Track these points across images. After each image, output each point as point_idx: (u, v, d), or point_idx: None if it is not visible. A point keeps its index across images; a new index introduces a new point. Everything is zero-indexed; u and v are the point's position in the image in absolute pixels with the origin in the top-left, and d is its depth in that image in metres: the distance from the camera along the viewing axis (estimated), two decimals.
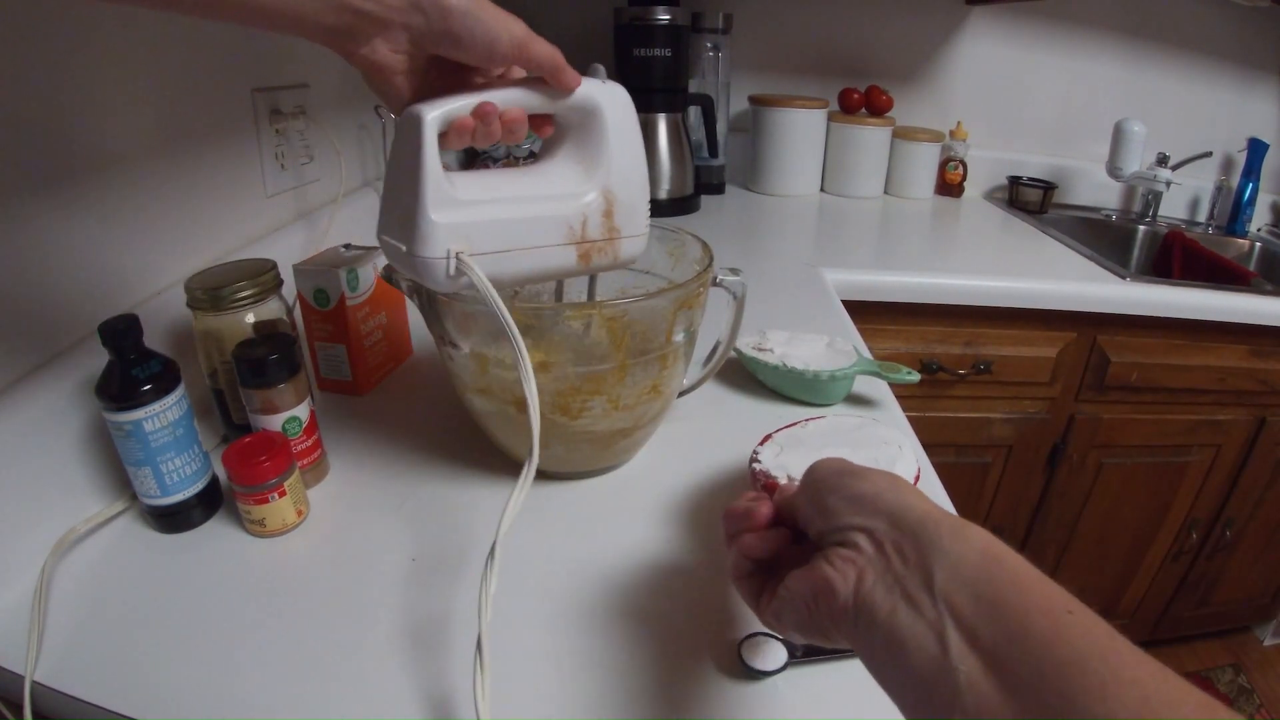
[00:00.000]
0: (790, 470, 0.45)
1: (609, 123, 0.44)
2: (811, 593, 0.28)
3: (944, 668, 0.22)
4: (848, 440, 0.51)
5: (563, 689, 0.39)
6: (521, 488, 0.38)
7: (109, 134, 0.55)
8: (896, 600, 0.24)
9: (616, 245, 0.47)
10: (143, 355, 0.47)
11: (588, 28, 1.40)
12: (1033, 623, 0.22)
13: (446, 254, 0.40)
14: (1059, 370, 1.12)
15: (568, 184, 0.45)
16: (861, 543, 0.27)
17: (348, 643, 0.42)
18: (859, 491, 0.28)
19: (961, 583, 0.23)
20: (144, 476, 0.48)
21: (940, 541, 0.25)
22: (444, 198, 0.40)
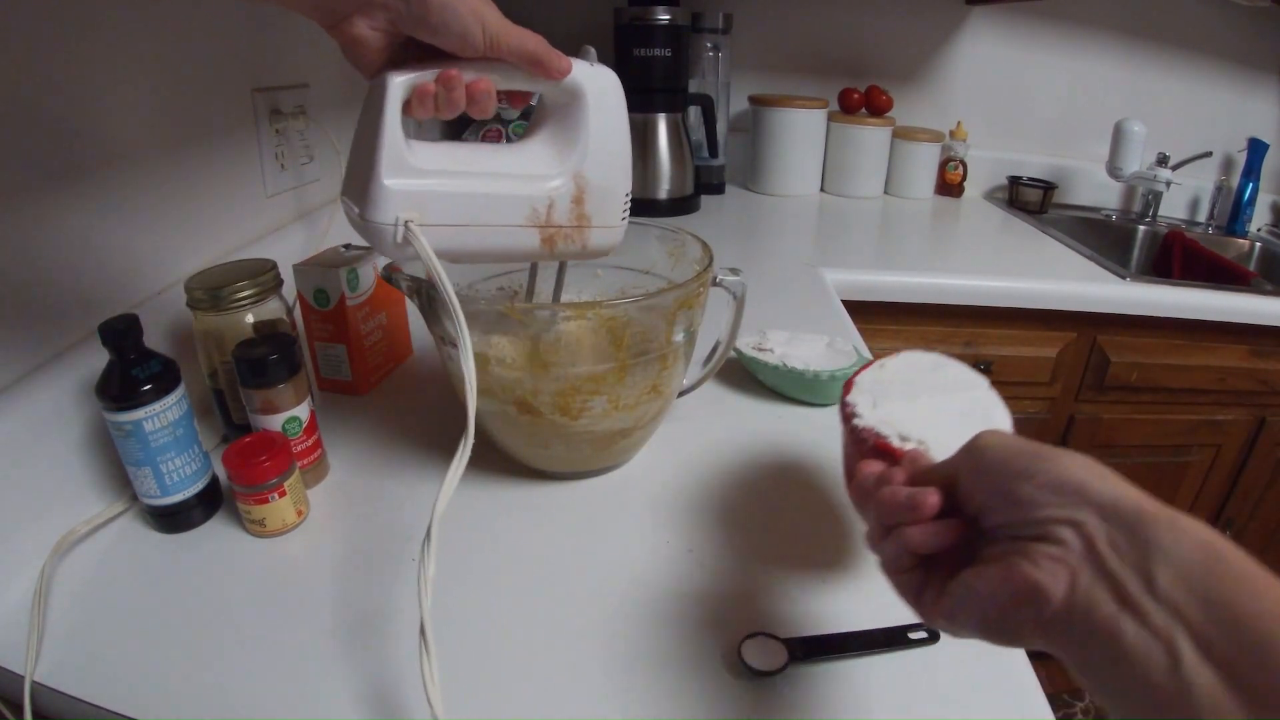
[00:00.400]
0: (900, 428, 0.39)
1: (589, 107, 0.43)
2: (1010, 595, 0.24)
3: (1177, 682, 0.20)
4: (936, 384, 0.45)
5: (563, 689, 0.39)
6: (456, 469, 0.37)
7: (109, 134, 0.55)
8: (1116, 606, 0.22)
9: (585, 234, 0.46)
10: (143, 355, 0.47)
11: (588, 28, 1.40)
12: (1273, 631, 0.19)
13: (395, 221, 0.39)
14: (1059, 370, 1.12)
15: (539, 165, 0.44)
16: (1069, 539, 0.23)
17: (348, 643, 0.42)
18: (1061, 478, 0.25)
19: (1188, 585, 0.21)
20: (144, 476, 0.48)
21: (1159, 537, 0.22)
22: (400, 164, 0.39)
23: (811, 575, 0.47)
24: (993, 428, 0.34)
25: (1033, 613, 0.24)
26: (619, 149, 0.45)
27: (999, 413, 0.43)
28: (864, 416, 0.40)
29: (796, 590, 0.46)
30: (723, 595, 0.46)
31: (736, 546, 0.50)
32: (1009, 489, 0.26)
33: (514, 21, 0.40)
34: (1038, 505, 0.25)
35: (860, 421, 0.40)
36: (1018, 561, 0.24)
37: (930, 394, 0.43)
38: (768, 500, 0.54)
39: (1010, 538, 0.26)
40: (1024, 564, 0.24)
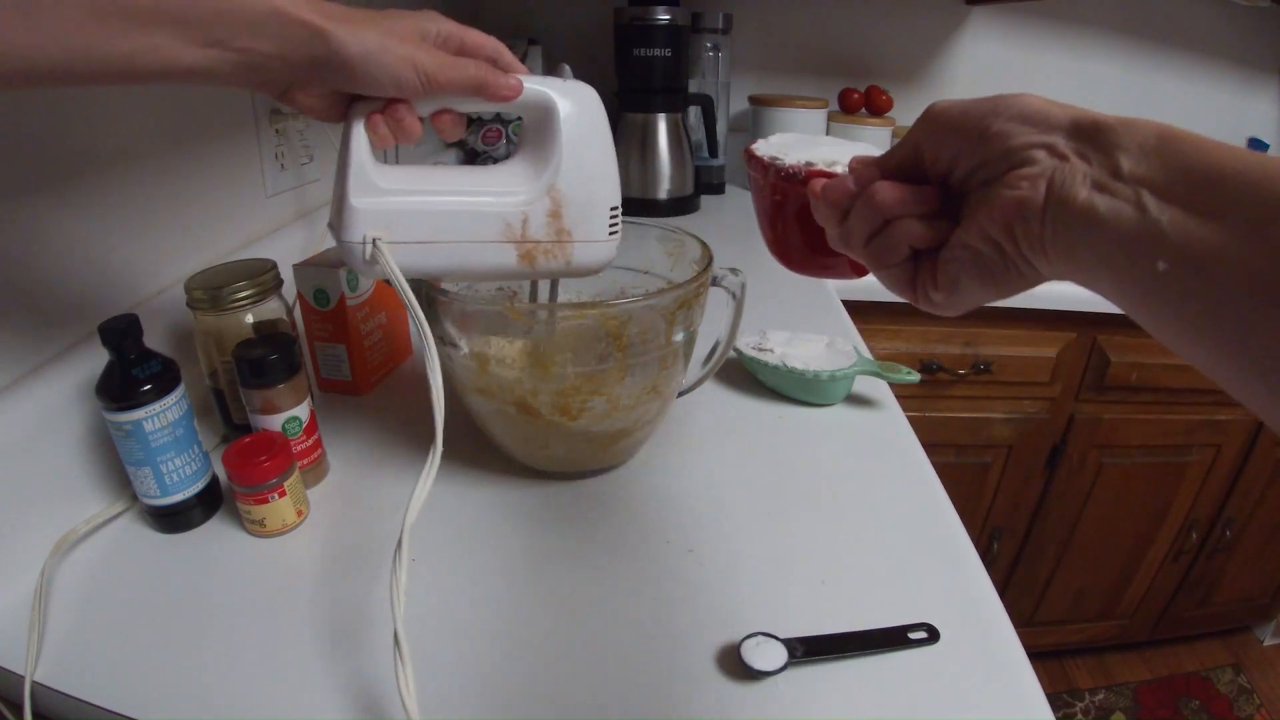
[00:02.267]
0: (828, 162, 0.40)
1: (561, 122, 0.43)
2: (1002, 225, 0.26)
3: (1145, 223, 0.22)
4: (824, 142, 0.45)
5: (564, 689, 0.39)
6: (428, 474, 0.37)
7: (109, 134, 0.55)
8: (1089, 190, 0.24)
9: (568, 249, 0.46)
10: (143, 355, 0.47)
11: (588, 28, 1.40)
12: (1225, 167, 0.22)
13: (363, 239, 0.41)
14: (1059, 370, 1.12)
15: (514, 182, 0.45)
16: (1042, 158, 0.26)
17: (348, 643, 0.42)
18: (1027, 109, 0.27)
19: (1146, 160, 0.23)
20: (144, 476, 0.48)
21: (1117, 135, 0.24)
22: (366, 185, 0.41)
23: (811, 575, 0.47)
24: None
25: (1023, 228, 0.26)
26: (597, 162, 0.45)
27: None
28: (786, 160, 0.41)
29: (796, 590, 0.46)
30: (723, 595, 0.46)
31: (736, 546, 0.50)
32: (981, 129, 0.28)
33: (515, 20, 0.40)
34: (1010, 135, 0.27)
35: (784, 162, 0.40)
36: (999, 192, 0.26)
37: (826, 145, 0.43)
38: (768, 500, 0.54)
39: (985, 182, 0.27)
40: (1005, 191, 0.26)
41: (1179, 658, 1.56)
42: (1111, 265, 0.24)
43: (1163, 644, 1.56)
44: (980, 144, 0.27)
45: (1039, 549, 1.30)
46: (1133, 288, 0.23)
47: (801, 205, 0.39)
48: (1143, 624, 1.45)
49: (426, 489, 0.37)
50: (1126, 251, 0.23)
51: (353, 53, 0.35)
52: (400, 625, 0.35)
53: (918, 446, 0.61)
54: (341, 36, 0.34)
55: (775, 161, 0.41)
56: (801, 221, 0.41)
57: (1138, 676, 1.52)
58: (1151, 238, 0.22)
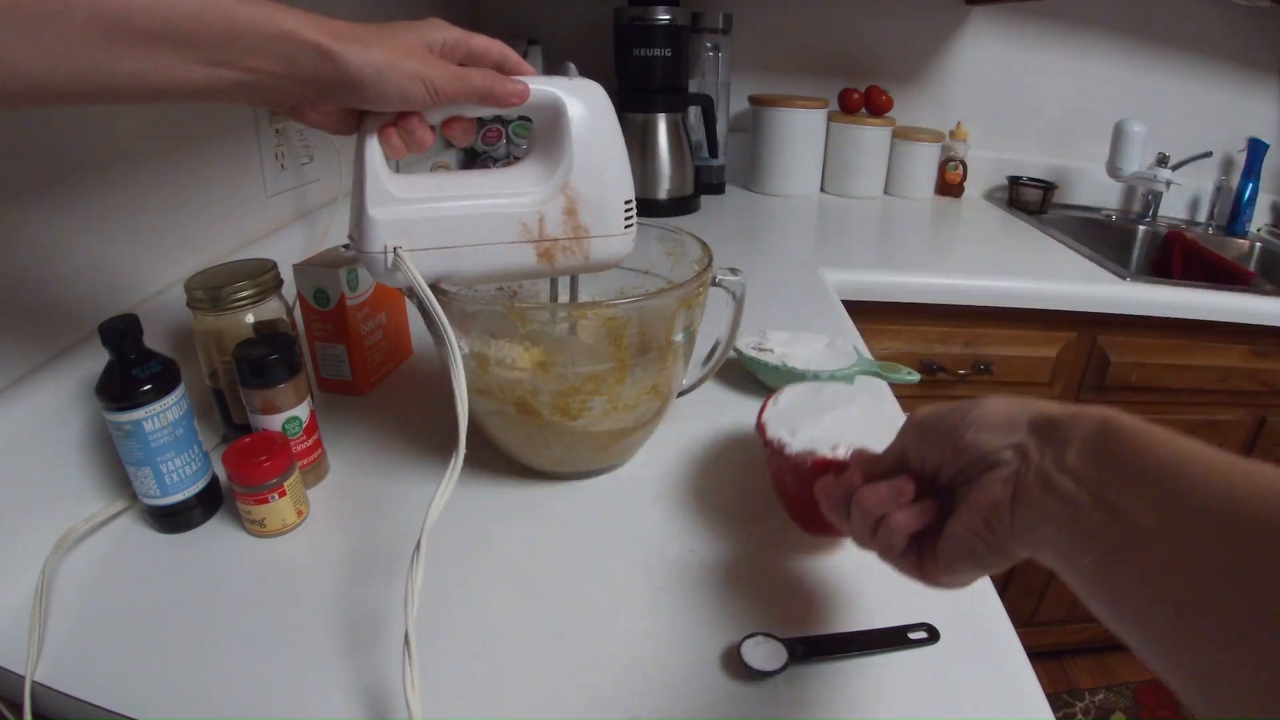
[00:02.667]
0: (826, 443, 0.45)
1: (570, 120, 0.44)
2: (982, 521, 0.30)
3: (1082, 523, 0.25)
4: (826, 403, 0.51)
5: (564, 689, 0.39)
6: (449, 480, 0.38)
7: (109, 134, 0.55)
8: (1042, 491, 0.27)
9: (585, 245, 0.47)
10: (143, 355, 0.47)
11: (588, 28, 1.40)
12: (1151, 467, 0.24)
13: (384, 249, 0.42)
14: (1059, 370, 1.12)
15: (528, 183, 0.45)
16: (1009, 459, 0.29)
17: (348, 643, 0.42)
18: (992, 417, 0.30)
19: (1085, 456, 0.26)
20: (144, 476, 0.48)
21: (1066, 429, 0.28)
22: (383, 196, 0.41)
23: (811, 575, 0.47)
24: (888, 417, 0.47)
25: (997, 522, 0.29)
26: (609, 158, 0.46)
27: (888, 405, 0.52)
28: (792, 444, 0.46)
29: (796, 590, 0.46)
30: (723, 595, 0.46)
31: (737, 546, 0.50)
32: (954, 441, 0.31)
33: (515, 20, 0.40)
34: (981, 443, 0.30)
35: (792, 449, 0.45)
36: (976, 494, 0.30)
37: (829, 410, 0.49)
38: (768, 500, 0.54)
39: (966, 480, 0.31)
40: (980, 493, 0.30)
41: None
42: (1061, 554, 0.27)
43: None
44: (957, 453, 0.31)
45: None
46: (1076, 576, 0.26)
47: (803, 479, 0.45)
48: None
49: (449, 491, 0.38)
50: (1070, 543, 0.26)
51: (362, 73, 0.35)
52: (411, 626, 0.36)
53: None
54: (349, 57, 0.34)
55: (784, 447, 0.46)
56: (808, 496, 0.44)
57: (1138, 676, 1.52)
58: (1084, 535, 0.25)
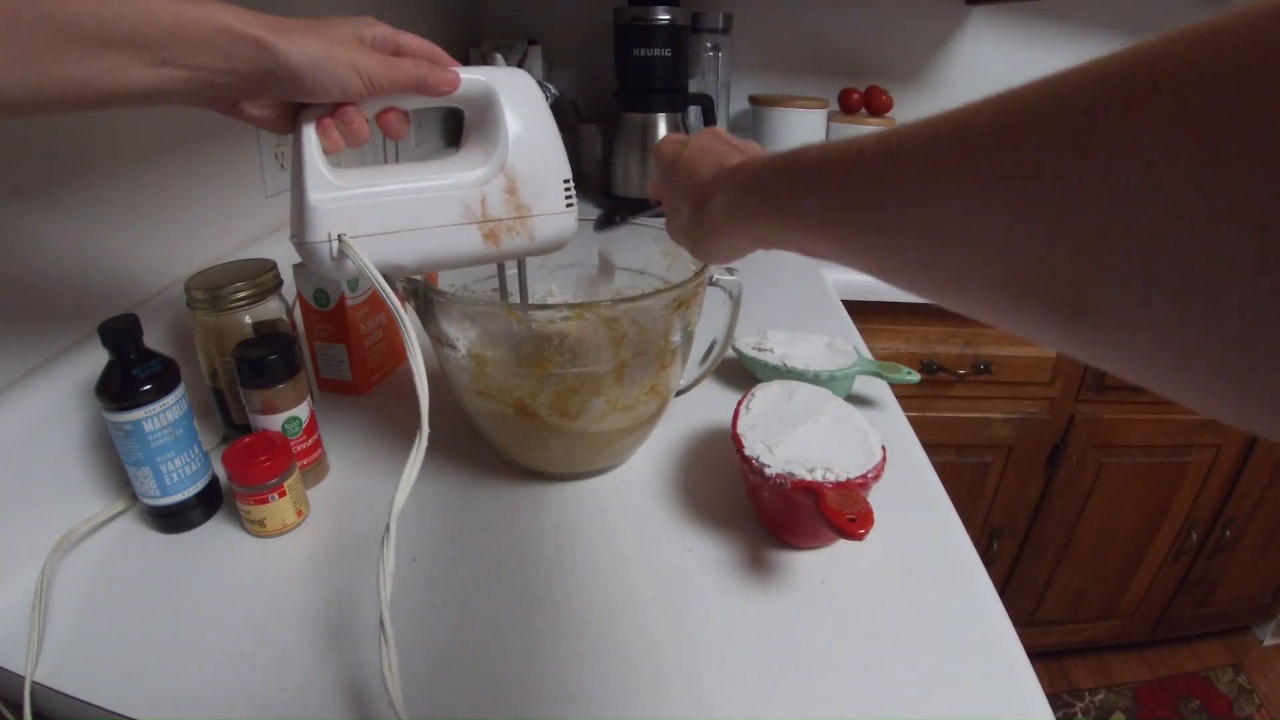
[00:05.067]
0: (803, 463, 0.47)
1: (501, 103, 0.45)
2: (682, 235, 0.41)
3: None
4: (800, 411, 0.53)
5: (562, 690, 0.39)
6: (413, 464, 0.38)
7: (108, 134, 0.55)
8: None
9: (530, 224, 0.47)
10: (143, 355, 0.47)
11: (588, 28, 1.40)
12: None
13: (328, 237, 0.41)
14: (1059, 370, 1.12)
15: (466, 166, 0.45)
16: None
17: (348, 643, 0.42)
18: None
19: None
20: (144, 476, 0.48)
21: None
22: (322, 183, 0.41)
23: (812, 575, 0.47)
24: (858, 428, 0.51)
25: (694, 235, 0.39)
26: (543, 138, 0.46)
27: (856, 415, 0.53)
28: (772, 465, 0.47)
29: (797, 590, 0.46)
30: (723, 595, 0.46)
31: (737, 547, 0.50)
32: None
33: (515, 20, 0.40)
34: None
35: (771, 470, 0.47)
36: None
37: (803, 422, 0.51)
38: None
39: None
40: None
41: (1179, 658, 1.56)
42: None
43: (1163, 644, 1.56)
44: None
45: (1039, 549, 1.30)
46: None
47: (783, 498, 0.47)
48: (1143, 624, 1.45)
49: (413, 476, 0.38)
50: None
51: (298, 62, 0.36)
52: (386, 610, 0.36)
53: (918, 446, 0.61)
54: (285, 48, 0.35)
55: (763, 468, 0.47)
56: (782, 509, 0.49)
57: (1138, 676, 1.52)
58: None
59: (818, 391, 0.55)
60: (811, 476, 0.45)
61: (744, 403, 0.54)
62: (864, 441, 0.49)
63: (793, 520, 0.48)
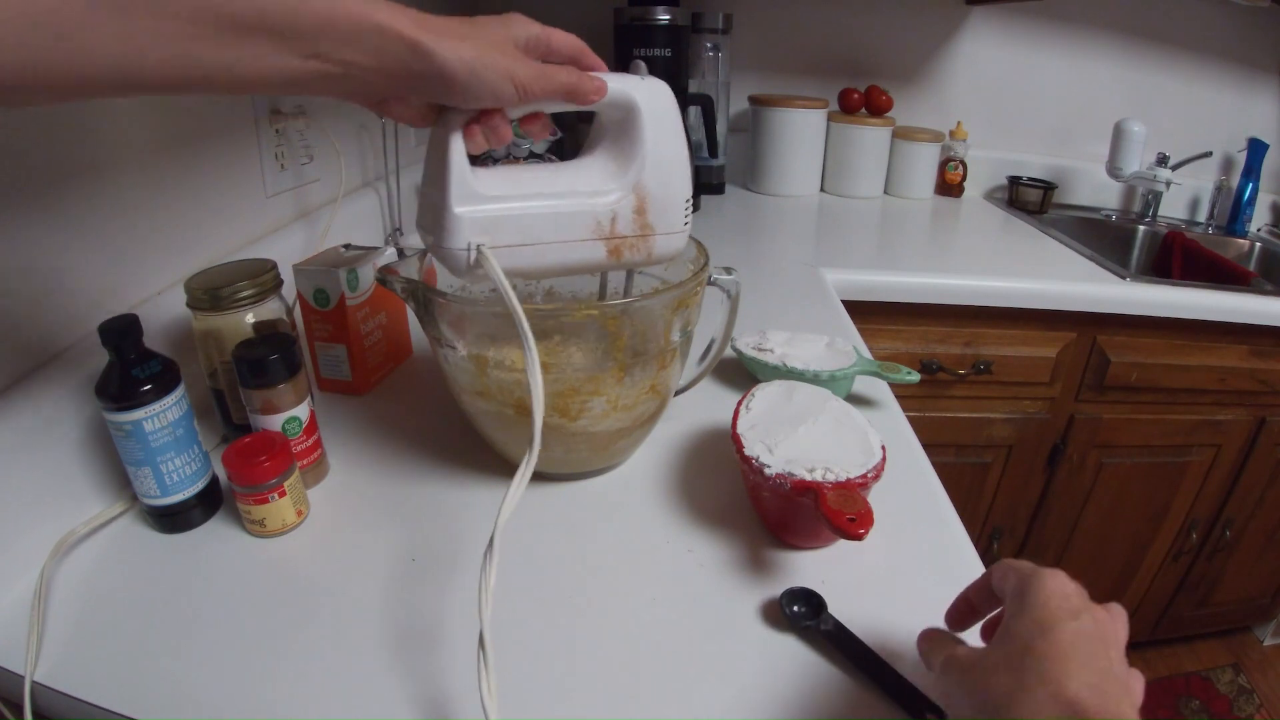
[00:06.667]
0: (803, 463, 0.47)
1: (645, 120, 0.44)
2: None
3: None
4: (800, 411, 0.53)
5: (565, 690, 0.39)
6: (520, 481, 0.38)
7: (109, 134, 0.55)
8: None
9: (650, 242, 0.47)
10: (143, 355, 0.47)
11: (588, 28, 1.40)
12: None
13: (468, 246, 0.42)
14: (1059, 370, 1.12)
15: (600, 180, 0.45)
16: None
17: (348, 643, 0.42)
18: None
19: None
20: (144, 476, 0.48)
21: None
22: (468, 193, 0.41)
23: (811, 575, 0.47)
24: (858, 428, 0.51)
25: None
26: (676, 158, 0.46)
27: (856, 415, 0.53)
28: (772, 465, 0.47)
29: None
30: (722, 595, 0.46)
31: (737, 547, 0.50)
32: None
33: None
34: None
35: (771, 470, 0.46)
36: None
37: (803, 422, 0.51)
38: None
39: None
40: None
41: (1179, 658, 1.56)
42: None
43: (1163, 644, 1.56)
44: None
45: (1039, 549, 1.30)
46: None
47: (783, 498, 0.47)
48: (1143, 624, 1.45)
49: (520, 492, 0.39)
50: None
51: (455, 69, 0.35)
52: (487, 626, 0.35)
53: (918, 446, 0.61)
54: (443, 53, 0.34)
55: (763, 468, 0.47)
56: (782, 509, 0.48)
57: None
58: None
59: (818, 391, 0.55)
60: (811, 476, 0.45)
61: (744, 403, 0.54)
62: (864, 441, 0.49)
63: (793, 520, 0.48)
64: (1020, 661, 0.28)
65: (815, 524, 0.46)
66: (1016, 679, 0.28)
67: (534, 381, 0.40)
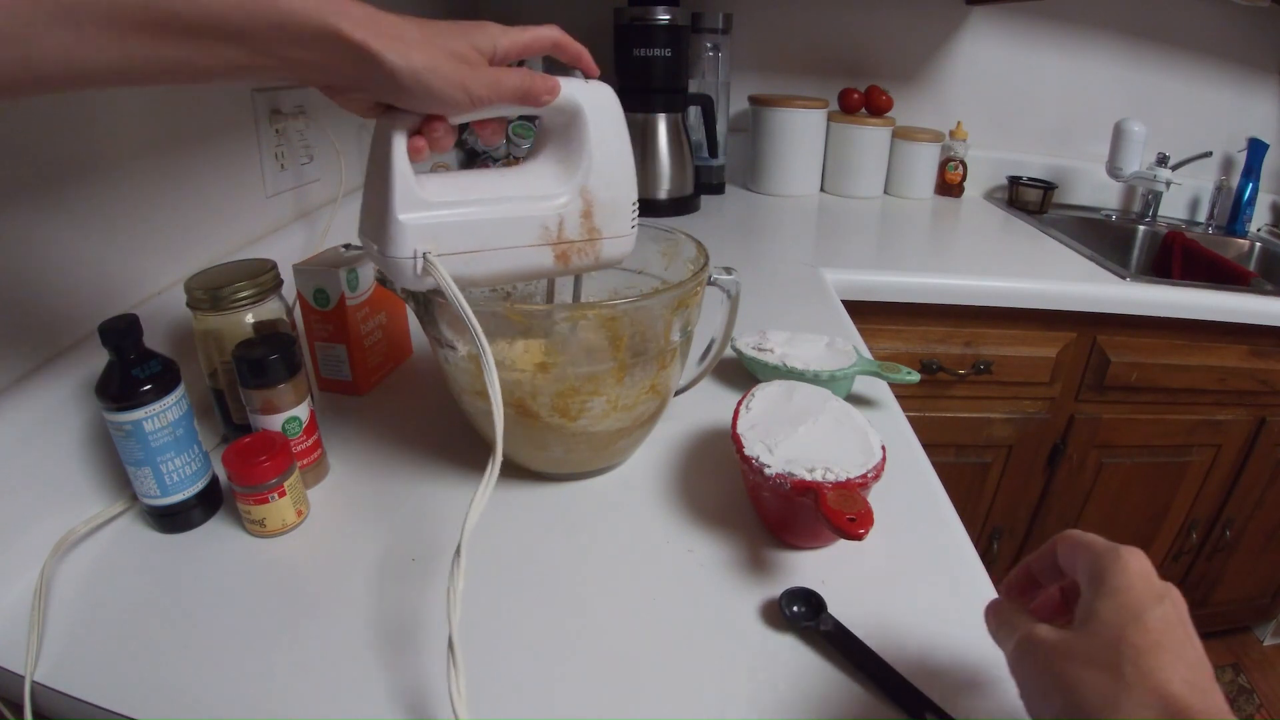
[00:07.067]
0: (803, 463, 0.47)
1: (589, 123, 0.44)
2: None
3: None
4: (800, 410, 0.53)
5: (560, 691, 0.39)
6: (486, 484, 0.38)
7: (109, 134, 0.55)
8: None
9: (597, 246, 0.47)
10: (143, 355, 0.47)
11: (588, 28, 1.40)
12: None
13: (414, 254, 0.41)
14: (1059, 370, 1.12)
15: (546, 185, 0.45)
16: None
17: (348, 643, 0.42)
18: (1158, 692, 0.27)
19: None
20: (144, 476, 0.48)
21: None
22: (412, 200, 0.40)
23: (811, 575, 0.47)
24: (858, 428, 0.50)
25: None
26: (621, 160, 0.46)
27: (856, 415, 0.53)
28: (772, 465, 0.47)
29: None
30: (722, 596, 0.46)
31: (737, 547, 0.50)
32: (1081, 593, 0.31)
33: (514, 20, 0.40)
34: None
35: (771, 470, 0.46)
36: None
37: (802, 422, 0.51)
38: None
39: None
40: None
41: None
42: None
43: None
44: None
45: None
46: None
47: (783, 498, 0.46)
48: None
49: (487, 495, 0.38)
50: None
51: (401, 75, 0.35)
52: (455, 630, 0.36)
53: (918, 446, 0.62)
54: (391, 59, 0.34)
55: (764, 468, 0.47)
56: (782, 509, 0.48)
57: None
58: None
59: (818, 391, 0.55)
60: (811, 477, 0.45)
61: (744, 402, 0.54)
62: (864, 441, 0.49)
63: (793, 520, 0.48)
64: (1114, 655, 0.27)
65: (815, 524, 0.46)
66: (1113, 676, 0.26)
67: (492, 386, 0.40)
